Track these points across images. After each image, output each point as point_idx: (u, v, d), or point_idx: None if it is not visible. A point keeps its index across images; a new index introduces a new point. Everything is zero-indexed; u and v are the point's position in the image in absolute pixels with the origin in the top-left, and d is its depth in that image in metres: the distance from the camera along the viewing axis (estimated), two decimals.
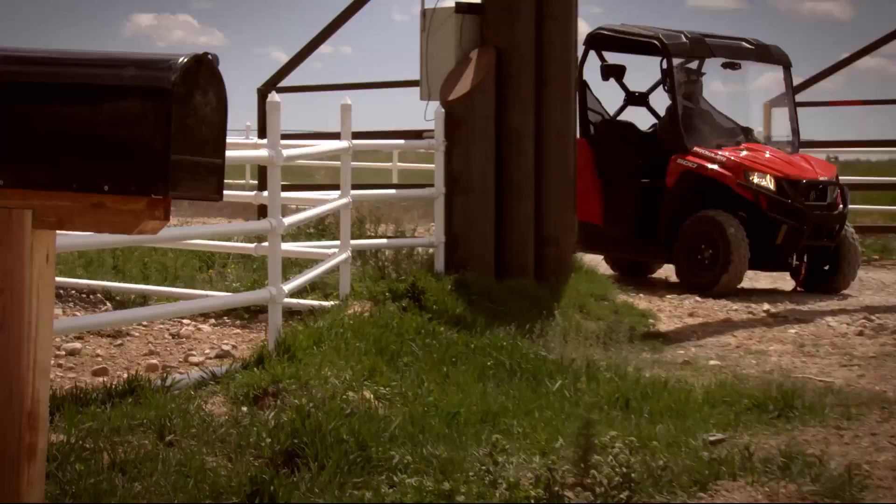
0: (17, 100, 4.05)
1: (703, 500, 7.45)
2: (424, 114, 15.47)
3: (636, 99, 18.45)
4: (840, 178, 17.20)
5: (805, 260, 15.96)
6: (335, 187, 13.83)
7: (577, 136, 16.44)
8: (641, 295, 16.49)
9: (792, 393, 10.26)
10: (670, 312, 15.58)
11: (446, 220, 14.76)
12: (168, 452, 7.70)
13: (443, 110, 14.75)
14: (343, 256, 12.90)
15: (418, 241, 15.48)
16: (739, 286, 16.18)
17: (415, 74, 15.94)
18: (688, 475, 7.76)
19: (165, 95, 3.90)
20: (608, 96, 18.89)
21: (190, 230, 14.20)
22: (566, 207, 15.39)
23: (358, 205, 14.81)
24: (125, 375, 9.90)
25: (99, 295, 13.76)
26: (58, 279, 13.65)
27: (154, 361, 11.32)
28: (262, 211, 14.11)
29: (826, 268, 15.96)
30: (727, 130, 17.17)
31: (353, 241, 13.42)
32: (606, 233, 17.01)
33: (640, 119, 19.18)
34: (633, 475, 7.57)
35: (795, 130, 17.69)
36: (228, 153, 12.38)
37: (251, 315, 13.02)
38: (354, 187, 13.82)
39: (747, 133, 17.41)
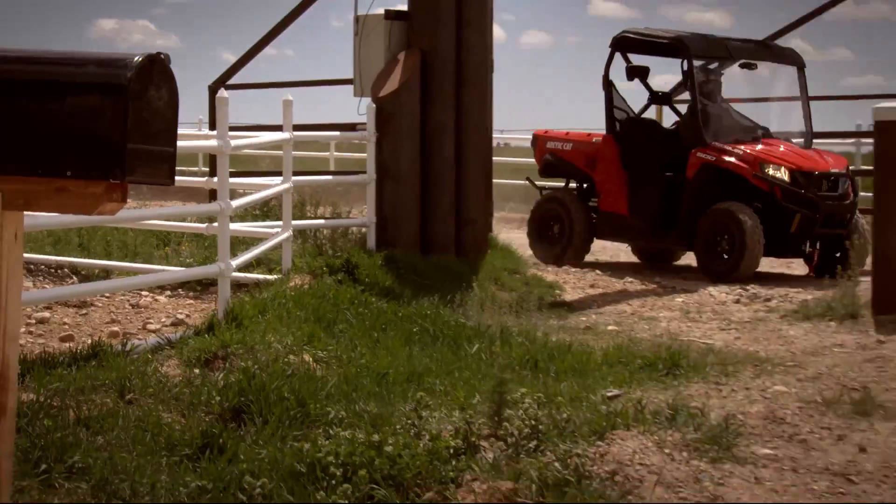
0: None
1: (601, 447, 7.47)
2: (357, 109, 15.53)
3: (660, 98, 17.81)
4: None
5: (818, 247, 15.43)
6: (278, 174, 13.78)
7: (605, 132, 16.64)
8: (549, 269, 16.54)
9: (678, 354, 10.33)
10: (574, 284, 15.62)
11: (377, 204, 14.78)
12: (128, 409, 7.68)
13: (374, 106, 14.78)
14: (285, 235, 12.87)
15: (352, 221, 15.45)
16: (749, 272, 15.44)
17: (349, 74, 15.92)
18: (588, 426, 7.80)
19: (122, 91, 3.90)
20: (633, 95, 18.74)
21: (147, 212, 14.10)
22: (482, 193, 15.45)
23: (299, 189, 14.73)
24: (89, 341, 9.82)
25: (66, 269, 13.69)
26: (28, 255, 13.57)
27: (115, 329, 11.28)
28: (212, 195, 13.99)
29: (837, 255, 15.03)
30: (744, 126, 16.48)
31: (294, 222, 13.39)
32: (631, 223, 16.36)
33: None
34: (540, 427, 7.62)
35: (809, 126, 16.89)
36: (182, 143, 12.43)
37: (203, 287, 12.98)
38: (295, 174, 13.79)
39: (763, 129, 16.51)
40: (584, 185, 17.08)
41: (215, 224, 11.39)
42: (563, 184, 18.37)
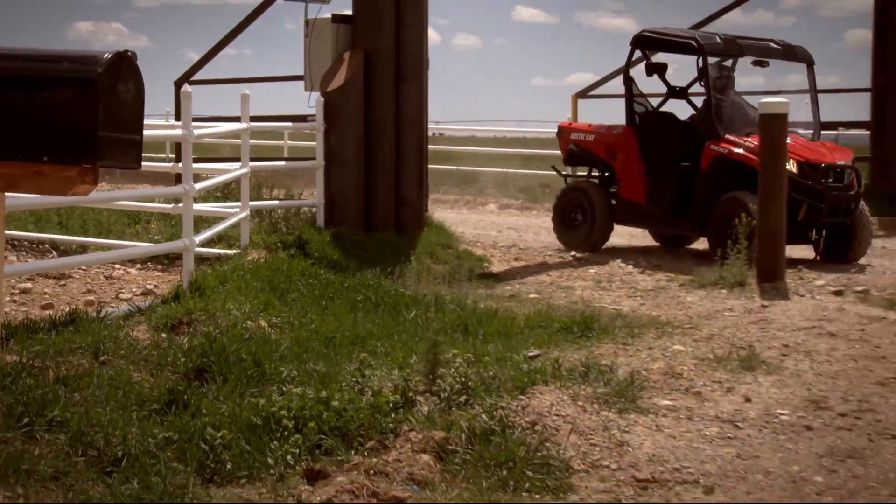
0: None
1: (522, 401, 7.51)
2: (308, 102, 15.53)
3: (677, 92, 16.69)
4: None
5: (824, 234, 14.35)
6: (237, 160, 13.77)
7: (625, 124, 15.90)
8: (478, 244, 16.60)
9: (591, 318, 10.39)
10: (500, 258, 15.67)
11: (326, 187, 14.78)
12: (102, 370, 7.65)
13: (322, 100, 14.79)
14: (243, 214, 12.83)
15: (304, 202, 15.42)
16: None
17: (300, 71, 15.88)
18: (511, 382, 7.85)
19: (94, 85, 3.88)
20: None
21: (119, 193, 14.04)
22: (419, 177, 15.44)
23: (255, 174, 14.70)
24: (67, 309, 9.77)
25: (46, 245, 13.59)
26: (12, 233, 13.48)
27: (91, 298, 11.21)
28: (178, 178, 13.95)
29: (844, 241, 14.38)
30: (756, 120, 14.58)
31: (251, 203, 13.35)
32: (649, 210, 15.49)
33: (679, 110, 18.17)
34: (469, 383, 7.66)
35: (817, 119, 15.74)
36: (151, 132, 12.34)
37: (170, 261, 12.91)
38: (253, 160, 13.77)
39: None
40: (606, 174, 16.34)
41: (181, 205, 11.33)
42: (574, 173, 18.24)
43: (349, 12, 15.23)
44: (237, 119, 13.53)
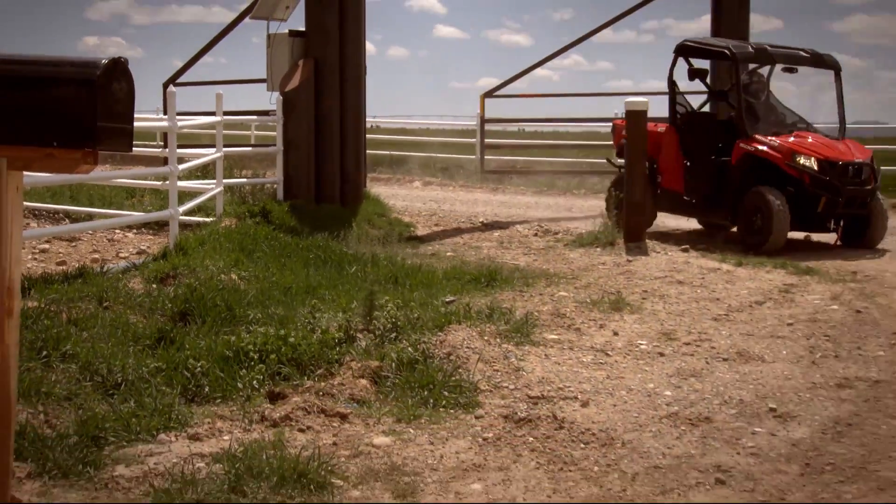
0: None
1: (440, 336, 7.54)
2: (270, 100, 15.41)
3: (717, 94, 14.79)
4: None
5: (842, 224, 12.90)
6: (213, 146, 13.60)
7: (666, 124, 14.49)
8: (406, 213, 16.57)
9: (494, 271, 10.43)
10: (423, 224, 15.65)
11: (284, 167, 14.67)
12: (104, 313, 7.59)
13: (281, 98, 14.67)
14: (218, 190, 12.70)
15: (267, 180, 15.27)
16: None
17: (264, 75, 15.75)
18: (432, 322, 7.87)
19: (93, 84, 3.82)
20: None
21: (117, 172, 13.80)
22: (358, 159, 15.39)
23: (228, 157, 14.48)
24: (77, 265, 9.69)
25: (60, 214, 13.39)
26: (32, 204, 13.27)
27: (96, 256, 11.07)
28: (165, 161, 13.74)
29: (861, 229, 12.92)
30: (784, 120, 13.75)
31: (224, 180, 13.21)
32: (687, 200, 14.09)
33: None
34: (398, 323, 7.68)
35: (842, 120, 14.01)
36: (144, 124, 12.11)
37: (159, 227, 12.76)
38: (226, 146, 13.58)
39: (803, 122, 13.85)
40: (650, 167, 14.50)
41: (167, 182, 11.21)
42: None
43: (303, 28, 15.10)
44: (213, 114, 13.38)
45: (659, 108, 17.35)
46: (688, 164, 13.87)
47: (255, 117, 17.15)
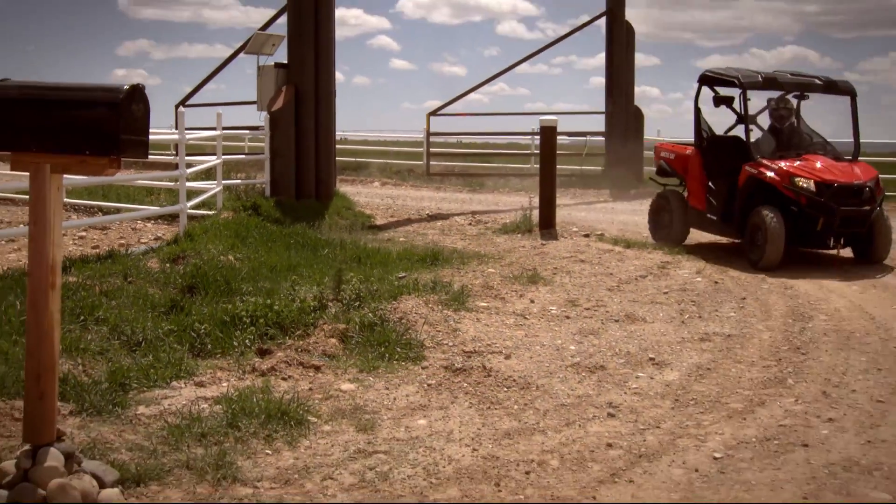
0: (42, 107, 3.94)
1: (394, 304, 7.54)
2: (259, 118, 15.19)
3: (743, 119, 11.91)
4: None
5: (842, 241, 10.74)
6: (214, 154, 13.44)
7: (693, 147, 12.43)
8: (368, 207, 16.47)
9: (437, 253, 10.44)
10: (381, 215, 15.55)
11: (271, 171, 14.50)
12: (129, 286, 7.50)
13: (269, 116, 14.50)
14: (218, 189, 12.55)
15: (257, 181, 15.07)
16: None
17: (255, 98, 15.58)
18: (388, 293, 7.88)
19: (117, 106, 3.81)
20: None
21: (137, 175, 13.59)
22: (329, 164, 15.28)
23: (227, 163, 14.33)
24: (107, 249, 9.55)
25: (95, 208, 13.13)
26: (72, 200, 13.03)
27: (122, 241, 10.87)
28: (177, 166, 13.57)
29: (865, 246, 10.86)
30: (803, 144, 11.53)
31: (224, 181, 13.05)
32: (709, 217, 12.14)
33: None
34: (361, 294, 7.68)
35: (856, 143, 11.73)
36: (160, 137, 12.09)
37: (172, 219, 12.52)
38: (224, 154, 13.42)
39: (824, 147, 11.51)
40: (682, 185, 12.82)
41: (178, 182, 11.07)
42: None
43: (285, 61, 14.96)
44: (214, 129, 13.22)
45: (566, 124, 17.35)
46: (710, 184, 12.09)
47: (247, 131, 16.98)
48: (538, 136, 13.85)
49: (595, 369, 6.38)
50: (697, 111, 12.52)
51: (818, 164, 10.84)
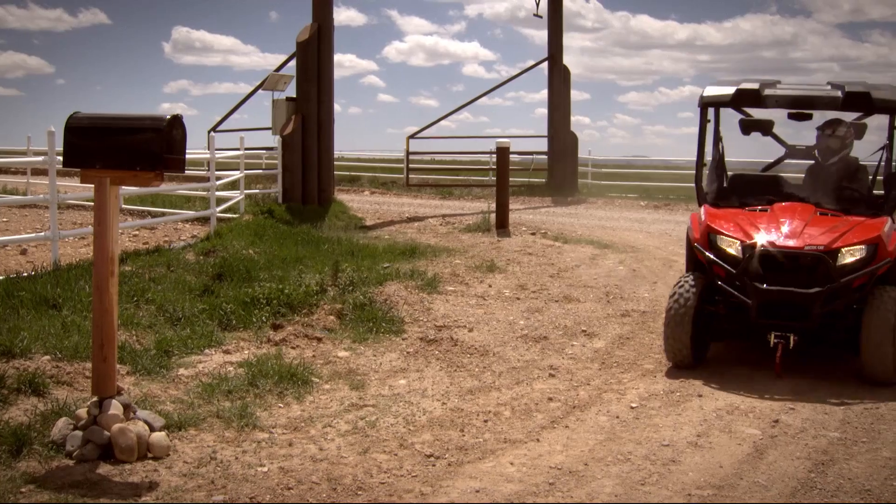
0: (105, 133, 3.95)
1: (380, 289, 7.52)
2: (274, 141, 15.08)
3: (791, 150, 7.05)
4: None
5: (792, 340, 5.41)
6: (238, 169, 13.34)
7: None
8: (360, 211, 16.33)
9: (415, 248, 10.39)
10: (370, 218, 15.40)
11: (283, 182, 14.37)
12: (171, 274, 7.44)
13: (281, 139, 14.41)
14: (241, 196, 12.45)
15: (272, 190, 14.93)
16: None
17: (270, 124, 15.46)
18: (375, 280, 7.87)
19: (161, 131, 3.83)
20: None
21: (177, 186, 13.38)
22: (329, 177, 15.22)
23: (248, 176, 14.18)
24: (155, 245, 9.46)
25: (146, 212, 12.99)
26: (129, 206, 12.89)
27: (166, 239, 10.74)
28: (208, 179, 13.46)
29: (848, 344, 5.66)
30: (779, 191, 6.30)
31: (245, 191, 12.95)
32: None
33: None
34: (354, 280, 7.64)
35: (888, 189, 6.11)
36: (195, 156, 11.94)
37: (205, 221, 12.39)
38: (246, 169, 13.32)
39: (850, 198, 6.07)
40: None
41: (209, 192, 11.00)
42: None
43: (294, 95, 14.91)
44: (238, 149, 13.14)
45: (517, 145, 17.05)
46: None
47: (264, 151, 16.72)
48: (495, 155, 13.89)
49: (539, 339, 6.46)
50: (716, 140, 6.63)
51: (785, 219, 5.75)
